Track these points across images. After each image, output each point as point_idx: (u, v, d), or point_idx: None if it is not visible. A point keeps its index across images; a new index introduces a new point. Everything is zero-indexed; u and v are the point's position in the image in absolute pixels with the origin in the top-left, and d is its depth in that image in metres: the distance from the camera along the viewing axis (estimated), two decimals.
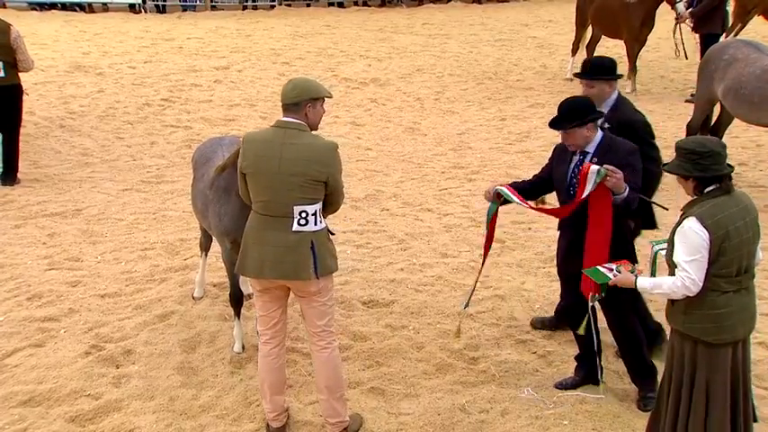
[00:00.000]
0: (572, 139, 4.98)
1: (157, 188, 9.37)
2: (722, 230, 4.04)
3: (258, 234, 4.66)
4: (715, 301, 4.12)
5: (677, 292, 4.13)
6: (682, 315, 4.22)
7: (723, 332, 4.15)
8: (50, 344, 5.96)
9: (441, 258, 7.46)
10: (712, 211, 4.07)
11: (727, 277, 4.11)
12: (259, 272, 4.67)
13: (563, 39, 18.41)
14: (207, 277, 6.82)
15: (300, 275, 4.62)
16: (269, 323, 4.86)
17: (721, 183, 4.14)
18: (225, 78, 14.73)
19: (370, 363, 5.75)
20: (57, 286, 6.83)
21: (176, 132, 11.58)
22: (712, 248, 4.04)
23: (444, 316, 6.38)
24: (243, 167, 4.66)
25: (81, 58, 15.79)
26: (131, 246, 7.72)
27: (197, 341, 6.01)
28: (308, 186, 4.55)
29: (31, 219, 8.37)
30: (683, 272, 4.09)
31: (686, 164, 4.16)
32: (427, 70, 15.81)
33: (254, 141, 4.66)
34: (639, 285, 4.36)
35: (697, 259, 4.05)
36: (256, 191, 4.64)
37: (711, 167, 4.12)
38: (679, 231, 4.13)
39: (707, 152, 4.11)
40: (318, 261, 4.63)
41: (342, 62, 16.28)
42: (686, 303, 4.18)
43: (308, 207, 4.58)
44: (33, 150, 10.55)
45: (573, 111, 4.96)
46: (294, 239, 4.59)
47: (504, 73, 15.68)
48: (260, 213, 4.66)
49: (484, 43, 18.74)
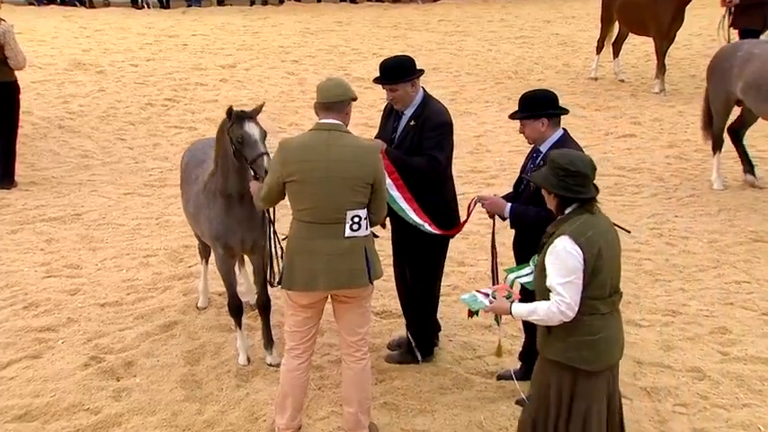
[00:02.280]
0: (526, 131, 5.08)
1: (160, 192, 9.41)
2: (595, 248, 3.96)
3: (306, 244, 4.62)
4: (592, 326, 4.04)
5: (553, 318, 4.02)
6: (560, 344, 4.11)
7: (601, 358, 4.08)
8: (48, 355, 5.98)
9: (457, 267, 7.45)
10: (582, 229, 3.99)
11: (601, 299, 4.04)
12: (311, 284, 4.64)
13: (587, 36, 18.38)
14: (212, 286, 6.84)
15: (357, 282, 4.64)
16: (302, 338, 4.84)
17: (584, 204, 4.08)
18: (231, 77, 14.78)
19: (383, 377, 5.74)
20: (55, 295, 6.87)
21: (180, 133, 11.63)
22: (587, 268, 3.96)
23: (461, 328, 6.37)
24: (285, 176, 4.59)
25: (81, 55, 15.87)
26: (133, 252, 7.75)
27: (201, 353, 6.03)
28: (359, 189, 4.57)
29: (29, 224, 8.43)
30: (558, 296, 3.98)
31: (552, 178, 4.11)
32: (443, 69, 15.81)
33: (295, 148, 4.63)
34: (515, 312, 4.24)
35: (572, 281, 3.96)
36: (301, 198, 4.60)
37: (574, 188, 4.05)
38: (551, 252, 4.03)
39: (574, 171, 4.05)
40: (371, 266, 4.67)
41: (354, 60, 16.30)
42: (565, 331, 4.06)
43: (360, 211, 4.60)
44: (31, 152, 10.62)
45: (528, 102, 5.05)
46: (347, 245, 4.59)
47: (525, 72, 15.65)
48: (305, 222, 4.62)
49: (503, 41, 18.73)
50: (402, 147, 5.51)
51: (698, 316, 6.55)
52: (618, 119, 12.52)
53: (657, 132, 11.78)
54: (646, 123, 12.24)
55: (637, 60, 16.45)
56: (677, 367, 5.83)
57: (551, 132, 5.03)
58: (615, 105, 13.27)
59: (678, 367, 5.83)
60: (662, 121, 12.27)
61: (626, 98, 13.71)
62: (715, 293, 6.93)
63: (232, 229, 5.47)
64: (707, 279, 7.22)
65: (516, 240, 5.28)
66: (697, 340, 6.19)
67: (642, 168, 10.20)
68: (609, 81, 14.84)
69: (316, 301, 4.75)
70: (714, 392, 5.53)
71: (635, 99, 13.66)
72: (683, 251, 7.79)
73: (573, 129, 11.81)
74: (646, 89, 14.20)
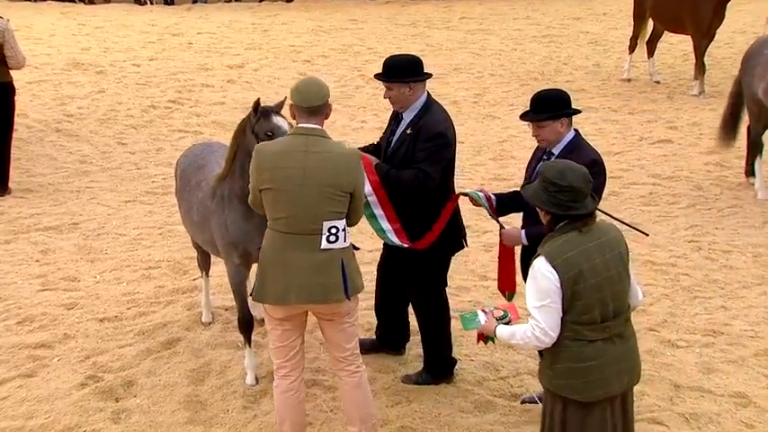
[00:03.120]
0: (543, 133, 5.04)
1: (163, 200, 9.45)
2: (573, 270, 3.90)
3: (279, 255, 4.64)
4: (581, 353, 3.99)
5: (529, 342, 4.04)
6: (549, 371, 4.10)
7: (593, 388, 4.01)
8: (42, 374, 5.99)
9: (479, 281, 7.43)
10: (562, 249, 3.94)
11: (589, 324, 3.96)
12: (282, 298, 4.64)
13: (619, 34, 18.35)
14: (218, 300, 6.85)
15: (331, 298, 4.63)
16: (287, 354, 4.84)
17: (573, 221, 4.01)
18: (239, 78, 14.86)
19: (399, 399, 5.72)
20: (50, 309, 6.89)
21: (185, 138, 11.68)
22: (565, 291, 3.91)
23: (483, 346, 6.33)
24: (260, 183, 4.61)
25: (80, 54, 16.00)
26: (134, 264, 7.78)
27: (206, 372, 6.03)
28: (337, 198, 4.56)
29: (23, 233, 8.47)
30: (533, 320, 3.97)
31: (542, 193, 4.06)
32: (465, 70, 15.82)
33: (270, 153, 4.63)
34: (498, 334, 4.29)
35: (546, 305, 3.93)
36: (276, 207, 4.61)
37: (566, 204, 3.99)
38: (530, 273, 4.02)
39: (565, 187, 3.98)
40: (348, 280, 4.65)
41: (369, 61, 16.33)
42: (551, 357, 4.06)
43: (338, 222, 4.59)
44: (26, 157, 10.69)
45: (545, 103, 5.02)
46: (323, 259, 4.59)
47: (553, 73, 15.63)
48: (280, 232, 4.63)
49: (529, 39, 18.72)
50: (396, 155, 5.50)
51: (741, 336, 6.49)
52: (653, 123, 12.47)
53: (696, 138, 11.72)
54: (683, 128, 12.19)
55: (674, 60, 16.40)
56: (719, 392, 5.77)
57: (566, 133, 5.05)
58: (650, 109, 13.22)
59: (720, 392, 5.76)
60: (701, 126, 12.20)
61: (662, 101, 13.66)
62: (760, 312, 6.86)
63: (251, 236, 5.41)
64: (751, 297, 7.15)
65: (523, 254, 5.30)
66: (741, 363, 6.12)
67: (679, 176, 10.14)
68: (643, 82, 14.80)
69: (291, 315, 4.75)
70: (760, 420, 5.45)
71: (671, 102, 13.61)
72: (725, 266, 7.72)
73: (604, 134, 11.90)
74: (683, 91, 14.15)
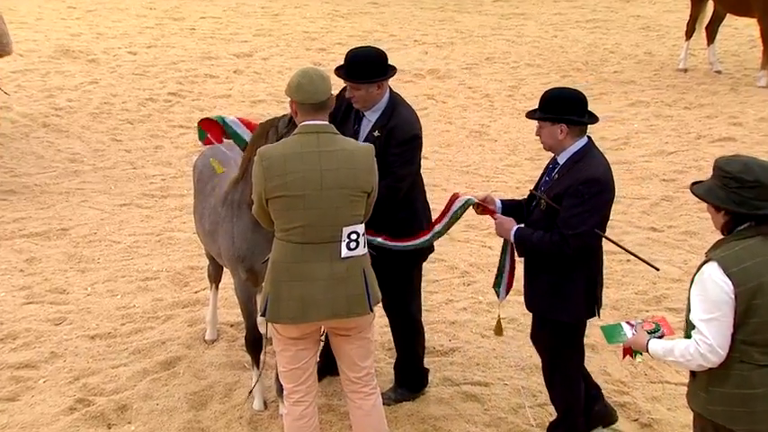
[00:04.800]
0: (543, 136, 5.08)
1: (162, 203, 9.51)
2: (753, 282, 3.82)
3: (295, 269, 4.62)
4: (747, 378, 3.90)
5: (691, 361, 3.94)
6: (703, 393, 4.02)
7: (758, 421, 3.92)
8: (26, 397, 6.03)
9: (513, 296, 7.38)
10: (740, 256, 3.85)
11: (763, 346, 3.88)
12: (302, 315, 4.63)
13: (675, 18, 18.30)
14: (223, 314, 6.87)
15: (356, 310, 4.66)
16: (300, 377, 4.84)
17: (761, 224, 3.93)
18: (247, 68, 14.93)
19: (425, 427, 5.73)
20: (36, 324, 6.94)
21: (186, 134, 11.73)
22: (738, 305, 3.83)
23: (518, 369, 6.35)
24: (268, 191, 4.59)
25: (69, 40, 16.13)
26: (129, 275, 7.82)
27: (208, 395, 6.06)
28: (357, 200, 4.60)
29: (6, 240, 8.53)
30: (698, 334, 3.89)
31: (720, 190, 3.95)
32: (499, 59, 15.82)
33: (279, 156, 4.58)
34: (651, 350, 4.19)
35: (716, 318, 3.84)
36: (290, 216, 4.59)
37: (751, 202, 3.89)
38: (697, 280, 3.94)
39: (751, 182, 3.88)
40: (370, 290, 4.69)
41: (392, 49, 16.33)
42: (710, 379, 3.97)
43: (358, 227, 4.63)
44: (10, 155, 10.77)
45: (551, 102, 5.03)
46: (344, 268, 4.61)
47: (598, 63, 15.61)
48: (295, 243, 4.62)
49: (572, 25, 18.70)
50: None
51: None
52: (713, 119, 12.42)
53: (763, 135, 11.65)
54: (748, 124, 12.13)
55: (738, 47, 16.32)
56: None
57: (571, 142, 5.03)
58: (710, 102, 13.17)
59: None
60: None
61: (724, 93, 13.61)
62: None
63: (259, 249, 5.38)
64: None
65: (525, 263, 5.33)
66: None
67: None
68: (702, 73, 14.75)
69: (308, 333, 4.77)
70: None
71: (735, 94, 13.55)
72: None
73: (656, 131, 11.86)
74: (749, 82, 14.08)
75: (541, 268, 5.10)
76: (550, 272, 5.04)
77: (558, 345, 5.19)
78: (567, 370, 5.25)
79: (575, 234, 4.86)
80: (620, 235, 8.53)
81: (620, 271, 7.84)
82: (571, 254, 4.91)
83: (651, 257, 7.97)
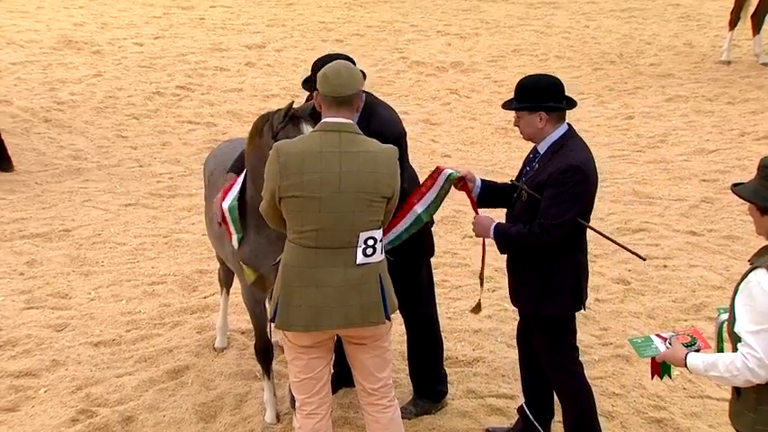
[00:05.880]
0: (521, 126, 5.17)
1: (170, 203, 9.54)
2: None
3: (308, 274, 4.63)
4: None
5: (738, 376, 3.86)
6: (750, 413, 3.95)
7: None
8: (26, 407, 6.05)
9: None
10: None
11: None
12: (314, 323, 4.63)
13: (717, 6, 18.23)
14: (233, 321, 6.89)
15: (370, 319, 4.66)
16: (314, 388, 4.85)
17: None
18: (259, 60, 14.96)
19: None
20: (37, 330, 6.97)
21: (195, 130, 11.78)
22: None
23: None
24: (282, 190, 4.58)
25: (72, 31, 16.20)
26: (135, 278, 7.85)
27: (218, 407, 6.07)
28: (375, 206, 4.59)
29: (6, 241, 8.57)
30: (746, 347, 3.83)
31: (766, 191, 3.92)
32: (526, 51, 15.79)
33: (297, 154, 4.57)
34: (690, 364, 4.10)
35: (765, 329, 3.80)
36: (304, 218, 4.59)
37: None
38: (743, 289, 3.89)
39: None
40: (387, 298, 4.69)
41: (413, 40, 16.37)
42: (757, 396, 3.91)
43: (375, 232, 4.62)
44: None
45: (526, 91, 5.09)
46: (359, 275, 4.61)
47: (633, 54, 15.56)
48: (308, 247, 4.62)
49: (605, 14, 18.64)
50: None
51: None
52: (758, 115, 12.36)
53: None
54: None
55: None
56: None
57: (551, 129, 5.11)
58: (755, 97, 13.10)
59: None
60: None
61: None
62: None
63: (263, 254, 5.42)
64: None
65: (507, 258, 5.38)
66: None
67: None
68: (747, 65, 14.68)
69: (321, 341, 4.77)
70: None
71: None
72: None
73: (696, 128, 11.82)
74: None
75: (525, 263, 5.15)
76: (534, 267, 5.10)
77: (553, 342, 5.23)
78: (571, 365, 5.27)
79: (555, 224, 4.91)
80: (657, 239, 8.52)
81: (657, 277, 7.80)
82: (551, 244, 4.96)
83: (690, 263, 7.99)
